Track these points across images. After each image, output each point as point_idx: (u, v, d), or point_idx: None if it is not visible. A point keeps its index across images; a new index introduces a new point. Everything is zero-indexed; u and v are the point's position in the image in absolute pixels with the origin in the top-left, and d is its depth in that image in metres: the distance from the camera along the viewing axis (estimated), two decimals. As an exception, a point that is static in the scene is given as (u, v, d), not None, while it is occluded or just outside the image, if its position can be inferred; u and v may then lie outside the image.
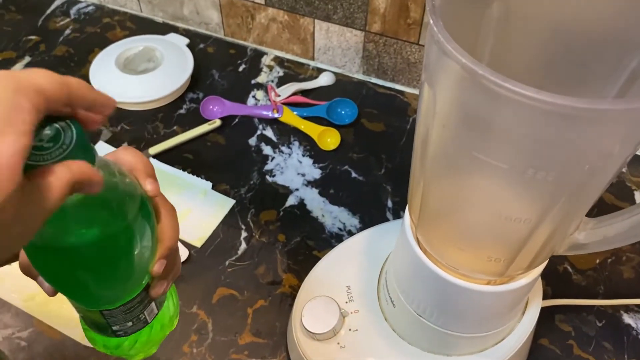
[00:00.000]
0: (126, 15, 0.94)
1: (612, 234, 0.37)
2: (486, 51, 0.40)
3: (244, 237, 0.66)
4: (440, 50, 0.29)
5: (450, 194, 0.37)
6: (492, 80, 0.27)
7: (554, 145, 0.29)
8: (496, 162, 0.31)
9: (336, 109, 0.80)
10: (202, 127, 0.77)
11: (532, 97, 0.26)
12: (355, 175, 0.74)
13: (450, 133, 0.33)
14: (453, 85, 0.31)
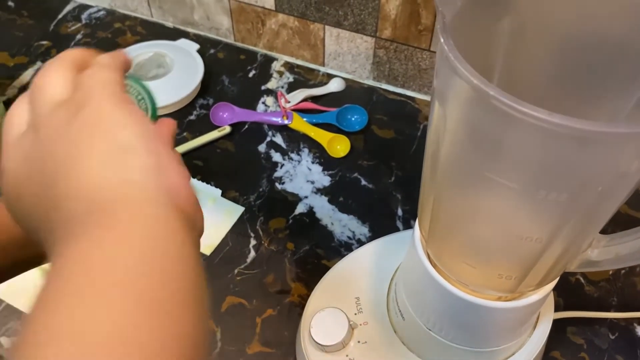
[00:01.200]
0: (137, 20, 0.95)
1: (625, 253, 0.37)
2: (498, 64, 0.40)
3: (253, 245, 0.66)
4: (451, 70, 0.29)
5: (460, 211, 0.37)
6: (503, 101, 0.26)
7: (566, 167, 0.28)
8: (507, 182, 0.31)
9: (346, 116, 0.80)
10: (212, 133, 0.76)
11: (544, 119, 0.26)
12: (365, 183, 0.73)
13: (460, 151, 0.32)
14: (463, 105, 0.30)
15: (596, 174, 0.29)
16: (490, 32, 0.38)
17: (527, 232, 0.33)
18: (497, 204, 0.33)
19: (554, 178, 0.29)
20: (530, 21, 0.37)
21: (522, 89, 0.40)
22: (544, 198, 0.30)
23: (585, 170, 0.28)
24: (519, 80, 0.40)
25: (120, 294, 0.21)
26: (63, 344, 0.19)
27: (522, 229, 0.33)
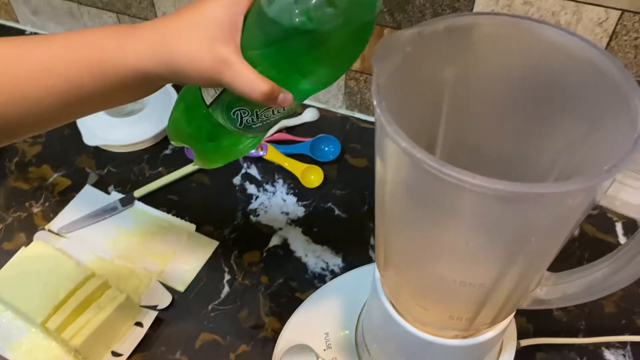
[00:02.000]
0: (114, 55, 0.96)
1: (571, 292, 0.38)
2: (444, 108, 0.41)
3: (227, 279, 0.67)
4: (384, 131, 0.30)
5: (407, 257, 0.38)
6: (431, 164, 0.28)
7: (495, 222, 0.29)
8: (444, 235, 0.32)
9: (319, 146, 0.81)
10: (187, 167, 0.78)
11: (468, 181, 0.27)
12: (338, 213, 0.74)
13: (401, 204, 0.34)
14: (398, 163, 0.31)
15: (525, 228, 0.30)
16: (435, 80, 0.39)
17: (469, 279, 0.34)
18: (438, 253, 0.34)
19: (485, 232, 0.30)
20: (473, 70, 0.39)
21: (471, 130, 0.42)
22: (480, 249, 0.31)
23: (513, 225, 0.30)
24: (467, 121, 0.42)
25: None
26: None
27: (464, 276, 0.34)
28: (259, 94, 0.36)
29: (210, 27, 0.36)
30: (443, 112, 0.41)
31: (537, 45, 0.35)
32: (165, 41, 0.37)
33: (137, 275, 0.67)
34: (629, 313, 0.64)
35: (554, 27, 0.35)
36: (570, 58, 0.35)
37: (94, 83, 0.37)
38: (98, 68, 0.37)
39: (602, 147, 0.34)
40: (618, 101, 0.32)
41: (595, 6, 0.61)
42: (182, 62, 0.36)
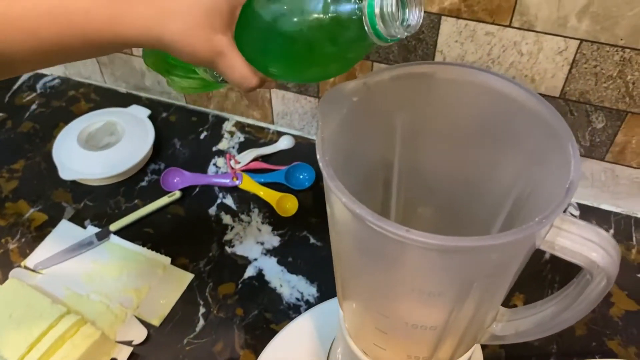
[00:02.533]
0: (91, 87, 0.97)
1: (523, 329, 0.39)
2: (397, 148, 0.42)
3: (202, 312, 0.68)
4: (327, 185, 0.31)
5: (360, 298, 0.39)
6: (369, 219, 0.28)
7: (438, 270, 0.30)
8: (391, 282, 0.33)
9: (294, 174, 0.82)
10: (162, 199, 0.78)
11: (403, 235, 0.28)
12: (313, 241, 0.75)
13: (350, 250, 0.34)
14: (343, 215, 0.32)
15: (466, 275, 0.31)
16: (385, 125, 0.40)
17: (420, 322, 0.35)
18: (388, 298, 0.35)
19: (429, 279, 0.31)
20: (421, 116, 0.40)
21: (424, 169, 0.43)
22: (427, 295, 0.32)
23: (454, 272, 0.30)
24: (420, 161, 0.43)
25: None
26: None
27: (415, 319, 0.35)
28: (246, 87, 0.38)
29: (209, 14, 0.36)
30: (396, 152, 0.42)
31: (482, 92, 0.36)
32: (160, 22, 0.36)
33: (113, 310, 0.67)
34: (600, 335, 0.65)
35: (496, 76, 0.36)
36: (512, 104, 0.36)
37: (79, 48, 0.37)
38: (85, 37, 0.36)
39: (546, 183, 0.35)
40: (556, 147, 0.33)
41: (554, 36, 0.63)
42: (176, 45, 0.36)
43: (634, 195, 0.75)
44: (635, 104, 0.65)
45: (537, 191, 0.37)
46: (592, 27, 0.60)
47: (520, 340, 0.40)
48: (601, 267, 0.31)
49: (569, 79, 0.66)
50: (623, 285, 0.70)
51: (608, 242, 0.31)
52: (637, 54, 0.61)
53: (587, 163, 0.74)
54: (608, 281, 0.32)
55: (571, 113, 0.69)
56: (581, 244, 0.31)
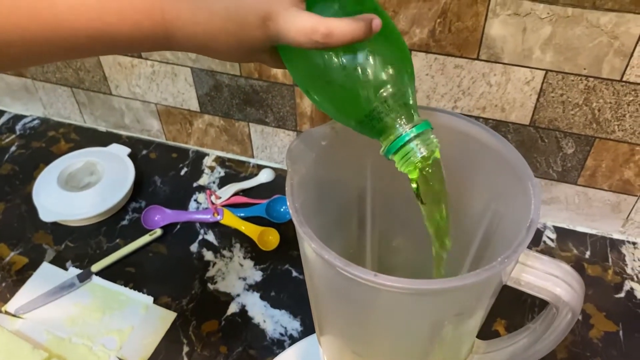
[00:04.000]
0: (70, 127, 0.97)
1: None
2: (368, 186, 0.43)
3: (186, 351, 0.67)
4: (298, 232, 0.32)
5: (335, 334, 0.39)
6: (337, 265, 0.29)
7: (408, 311, 0.31)
8: (365, 322, 0.33)
9: (275, 207, 0.83)
10: (143, 238, 0.78)
11: (371, 280, 0.28)
12: (296, 274, 0.75)
13: (323, 291, 0.35)
14: (314, 259, 0.33)
15: (433, 315, 0.31)
16: (355, 164, 0.42)
17: (396, 358, 0.36)
18: (362, 337, 0.36)
19: (401, 320, 0.32)
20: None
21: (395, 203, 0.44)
22: (397, 335, 0.33)
23: (424, 313, 0.31)
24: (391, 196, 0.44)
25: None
26: None
27: (390, 357, 0.36)
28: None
29: None
30: (368, 191, 0.43)
31: (448, 133, 0.38)
32: (203, 46, 0.35)
33: (95, 353, 0.67)
34: (580, 357, 0.66)
35: (460, 118, 0.37)
36: (476, 144, 0.37)
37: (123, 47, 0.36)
38: (132, 41, 0.35)
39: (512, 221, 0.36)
40: (518, 185, 0.35)
41: (521, 67, 0.65)
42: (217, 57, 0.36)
43: (607, 217, 0.77)
44: (602, 129, 0.67)
45: (503, 225, 0.38)
46: (556, 58, 0.63)
47: (495, 372, 0.41)
48: (565, 302, 0.32)
49: (538, 107, 0.68)
50: (601, 306, 0.71)
51: (572, 277, 0.32)
52: (600, 82, 0.63)
53: (561, 187, 0.75)
54: (573, 314, 0.33)
55: (542, 140, 0.71)
56: (545, 279, 0.32)
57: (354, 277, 0.29)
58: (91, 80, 0.89)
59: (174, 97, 0.86)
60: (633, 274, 0.74)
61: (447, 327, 0.33)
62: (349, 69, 0.32)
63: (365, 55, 0.32)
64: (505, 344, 0.39)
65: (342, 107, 0.34)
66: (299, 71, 0.35)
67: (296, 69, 0.35)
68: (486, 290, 0.32)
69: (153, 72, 0.83)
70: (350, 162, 0.41)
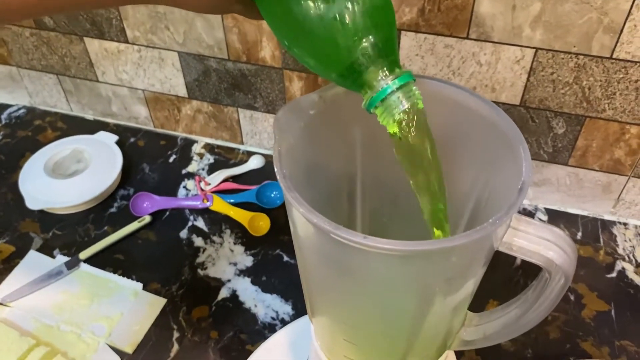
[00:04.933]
0: (57, 115, 0.96)
1: (491, 332, 0.39)
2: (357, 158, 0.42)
3: (176, 337, 0.67)
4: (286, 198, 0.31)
5: (327, 309, 0.39)
6: (326, 228, 0.29)
7: (399, 276, 0.30)
8: (355, 290, 0.33)
9: (265, 193, 0.82)
10: (132, 225, 0.77)
11: (361, 242, 0.28)
12: (287, 259, 0.75)
13: (313, 262, 0.34)
14: (303, 226, 0.32)
15: (427, 280, 0.31)
16: (344, 135, 0.41)
17: (388, 329, 0.35)
18: (353, 306, 0.35)
19: (392, 286, 0.31)
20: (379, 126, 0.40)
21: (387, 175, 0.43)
22: (392, 301, 0.32)
23: (415, 278, 0.31)
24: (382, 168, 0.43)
25: None
26: None
27: (382, 327, 0.35)
28: None
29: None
30: (358, 164, 0.42)
31: (441, 103, 0.37)
32: None
33: (84, 340, 0.66)
34: (573, 337, 0.66)
35: (454, 86, 0.37)
36: (469, 114, 0.37)
37: None
38: None
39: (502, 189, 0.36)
40: (509, 152, 0.34)
41: (511, 46, 0.64)
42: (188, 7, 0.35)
43: (598, 198, 0.77)
44: (592, 108, 0.67)
45: (494, 197, 0.37)
46: (546, 36, 0.62)
47: (489, 343, 0.40)
48: (558, 266, 0.32)
49: (528, 87, 0.67)
50: (593, 286, 0.71)
51: (564, 240, 0.32)
52: (590, 59, 0.63)
53: (552, 168, 0.75)
54: (566, 279, 0.32)
55: (532, 120, 0.71)
56: (537, 243, 0.31)
57: (344, 239, 0.28)
58: (77, 67, 0.88)
59: (162, 83, 0.85)
60: (624, 254, 0.74)
61: (438, 295, 0.33)
62: (327, 17, 0.31)
63: (345, 3, 0.31)
64: (497, 315, 0.39)
65: (322, 60, 0.33)
66: (276, 21, 0.34)
67: (273, 19, 0.34)
68: (478, 255, 0.31)
69: (140, 57, 0.82)
70: (339, 134, 0.40)
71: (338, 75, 0.34)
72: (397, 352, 0.38)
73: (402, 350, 0.38)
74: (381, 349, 0.38)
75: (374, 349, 0.39)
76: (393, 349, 0.38)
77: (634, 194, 0.74)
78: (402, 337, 0.36)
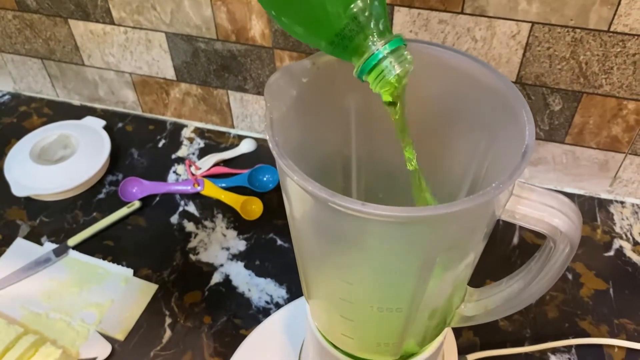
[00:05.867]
0: (43, 101, 0.94)
1: (492, 307, 0.38)
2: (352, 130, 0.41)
3: (169, 323, 0.65)
4: (279, 166, 0.30)
5: (324, 286, 0.37)
6: (323, 196, 0.27)
7: (398, 246, 0.29)
8: (352, 263, 0.31)
9: (258, 177, 0.80)
10: (121, 211, 0.76)
11: (359, 209, 0.26)
12: (280, 243, 0.73)
13: (308, 236, 0.33)
14: (298, 197, 0.31)
15: (427, 249, 0.30)
16: (338, 105, 0.39)
17: (386, 304, 0.34)
18: (351, 281, 0.34)
19: (391, 257, 0.30)
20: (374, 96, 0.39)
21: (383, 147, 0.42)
22: (390, 274, 0.31)
23: (415, 247, 0.29)
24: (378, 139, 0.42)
25: None
26: None
27: (380, 301, 0.34)
28: None
29: None
30: (352, 136, 0.41)
31: (438, 69, 0.36)
32: None
33: (74, 327, 0.64)
34: (572, 316, 0.65)
35: (452, 51, 0.35)
36: (467, 79, 0.35)
37: None
38: None
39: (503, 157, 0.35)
40: (511, 117, 0.33)
41: (506, 20, 0.63)
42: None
43: (595, 176, 0.76)
44: (589, 84, 0.66)
45: (495, 165, 0.36)
46: (542, 9, 0.61)
47: (491, 318, 0.39)
48: (564, 233, 0.30)
49: (524, 62, 0.66)
50: (591, 265, 0.70)
51: (569, 207, 0.30)
52: (587, 33, 0.62)
53: (548, 146, 0.74)
54: (571, 247, 0.31)
55: (528, 97, 0.69)
56: (542, 210, 0.30)
57: (341, 207, 0.27)
58: (62, 51, 0.86)
59: (149, 66, 0.83)
60: (622, 232, 0.73)
61: (438, 266, 0.31)
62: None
63: None
64: (499, 289, 0.38)
65: (310, 27, 0.32)
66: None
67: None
68: (479, 222, 0.30)
69: (126, 39, 0.80)
70: (333, 104, 0.38)
71: (328, 42, 0.32)
72: (395, 329, 0.37)
73: (400, 327, 0.36)
74: (379, 326, 0.37)
75: (372, 325, 0.37)
76: (391, 326, 0.37)
77: (631, 172, 0.74)
78: (401, 312, 0.34)
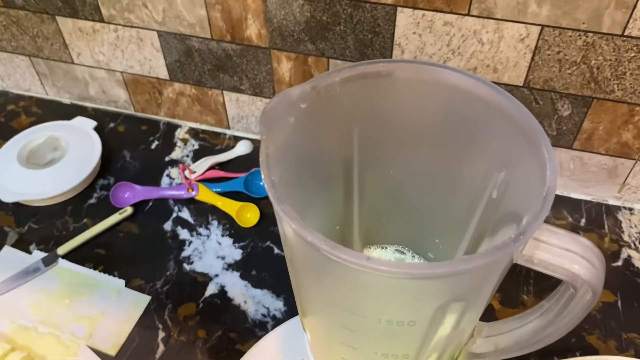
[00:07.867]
0: (32, 99, 0.91)
1: (503, 346, 0.35)
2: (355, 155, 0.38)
3: (162, 337, 0.63)
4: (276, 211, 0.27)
5: (321, 329, 0.35)
6: (324, 249, 0.25)
7: (405, 298, 0.27)
8: (354, 310, 0.29)
9: (254, 181, 0.78)
10: (112, 217, 0.73)
11: (363, 264, 0.24)
12: (278, 251, 0.71)
13: (305, 275, 0.31)
14: (293, 238, 0.28)
15: (434, 301, 0.27)
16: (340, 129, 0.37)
17: (390, 351, 0.32)
18: (353, 329, 0.31)
19: (394, 309, 0.27)
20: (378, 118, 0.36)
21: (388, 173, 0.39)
22: (393, 325, 0.28)
23: (421, 300, 0.27)
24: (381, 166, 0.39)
25: None
26: None
27: (383, 349, 0.31)
28: None
29: None
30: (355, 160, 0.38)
31: (441, 90, 0.33)
32: None
33: (63, 342, 0.62)
34: (579, 330, 0.63)
35: (454, 71, 0.32)
36: (475, 101, 0.32)
37: None
38: None
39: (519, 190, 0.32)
40: (527, 147, 0.30)
41: (515, 23, 0.60)
42: None
43: (603, 182, 0.73)
44: (600, 89, 0.63)
45: (510, 194, 0.33)
46: (553, 12, 0.58)
47: (501, 357, 0.37)
48: (585, 280, 0.28)
49: (532, 66, 0.63)
50: (598, 276, 0.68)
51: (591, 252, 0.28)
52: (600, 37, 0.59)
53: (556, 152, 0.71)
54: (593, 294, 0.29)
55: (536, 102, 0.66)
56: (562, 256, 0.28)
57: (343, 261, 0.24)
58: (50, 49, 0.82)
59: (141, 65, 0.80)
60: (630, 241, 0.71)
61: (448, 315, 0.29)
62: None
63: None
64: (511, 327, 0.35)
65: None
66: None
67: None
68: (495, 271, 0.28)
69: (117, 37, 0.77)
70: (334, 128, 0.36)
71: None
72: None
73: None
74: None
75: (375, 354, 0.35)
76: None
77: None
78: (407, 357, 0.32)
